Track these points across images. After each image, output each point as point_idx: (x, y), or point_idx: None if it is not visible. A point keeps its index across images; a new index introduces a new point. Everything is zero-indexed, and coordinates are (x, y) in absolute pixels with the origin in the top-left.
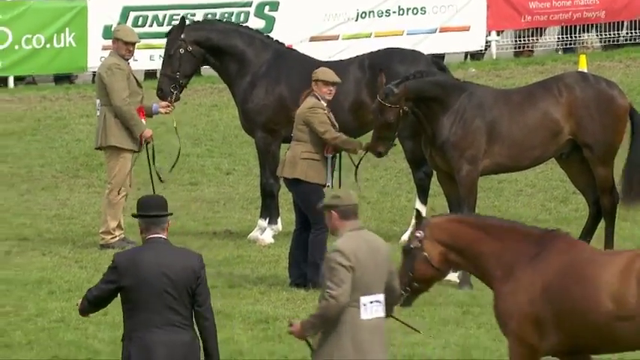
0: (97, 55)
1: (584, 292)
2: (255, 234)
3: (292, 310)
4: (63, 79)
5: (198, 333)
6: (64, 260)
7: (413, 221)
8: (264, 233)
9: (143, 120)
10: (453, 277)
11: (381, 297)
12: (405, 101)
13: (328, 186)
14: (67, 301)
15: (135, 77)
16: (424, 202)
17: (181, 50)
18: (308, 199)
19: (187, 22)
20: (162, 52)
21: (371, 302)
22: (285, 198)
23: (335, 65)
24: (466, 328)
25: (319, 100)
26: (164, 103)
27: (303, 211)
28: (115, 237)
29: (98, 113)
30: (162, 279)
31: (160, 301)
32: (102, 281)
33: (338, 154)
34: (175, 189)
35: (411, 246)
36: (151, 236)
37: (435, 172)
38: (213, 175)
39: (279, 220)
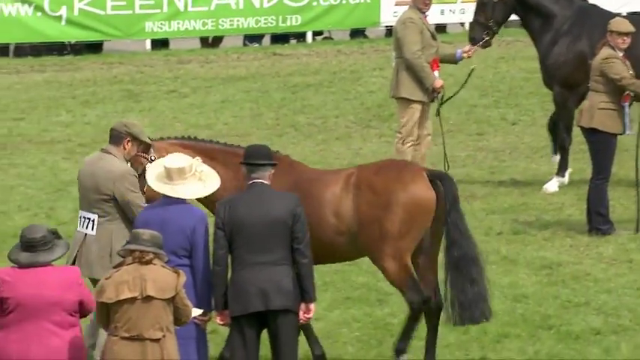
0: (389, 10)
1: (310, 210)
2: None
3: (575, 257)
4: (357, 33)
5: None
6: None
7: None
8: (550, 182)
9: (437, 72)
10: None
11: (91, 215)
12: None
13: (628, 134)
14: None
15: (430, 30)
16: None
17: None
18: (598, 148)
19: None
20: (452, 7)
21: (83, 217)
22: (574, 149)
23: (634, 18)
24: None
25: (614, 50)
26: (467, 47)
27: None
28: None
29: (394, 64)
30: (261, 220)
31: (259, 241)
32: (215, 248)
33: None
34: (463, 138)
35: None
36: (253, 181)
37: None
38: (499, 125)
39: (566, 172)
